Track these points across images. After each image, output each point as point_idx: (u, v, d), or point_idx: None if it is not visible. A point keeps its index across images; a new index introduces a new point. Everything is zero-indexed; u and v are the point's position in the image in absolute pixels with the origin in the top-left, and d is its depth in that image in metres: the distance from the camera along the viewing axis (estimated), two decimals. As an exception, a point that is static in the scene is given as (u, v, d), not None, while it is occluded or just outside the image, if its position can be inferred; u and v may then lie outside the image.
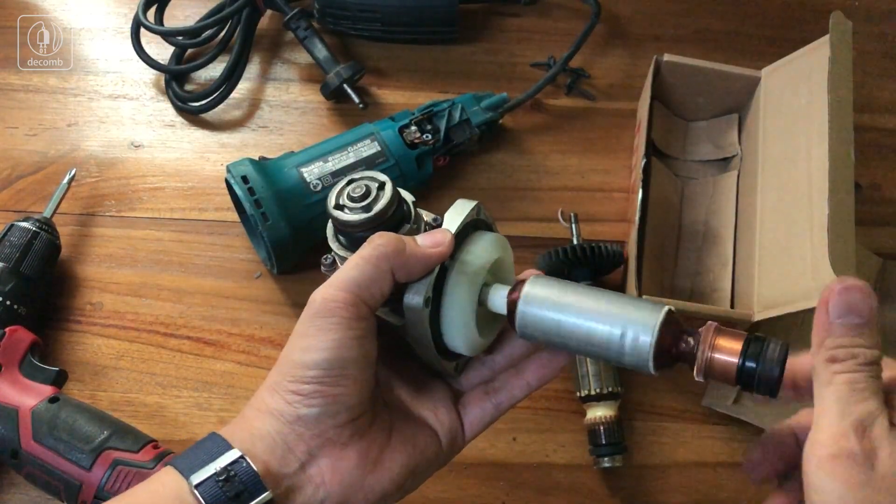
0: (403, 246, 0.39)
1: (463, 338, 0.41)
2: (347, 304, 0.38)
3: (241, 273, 0.67)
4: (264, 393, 0.39)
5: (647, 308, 0.38)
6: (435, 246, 0.40)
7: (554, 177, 0.72)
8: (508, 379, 0.45)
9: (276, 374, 0.39)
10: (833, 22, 0.57)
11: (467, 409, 0.44)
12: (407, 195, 0.44)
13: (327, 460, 0.38)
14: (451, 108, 0.68)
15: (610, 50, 0.78)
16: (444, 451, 0.43)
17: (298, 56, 0.77)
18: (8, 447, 0.53)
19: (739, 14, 0.81)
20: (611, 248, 0.62)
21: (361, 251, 0.39)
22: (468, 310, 0.41)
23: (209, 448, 0.38)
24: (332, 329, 0.37)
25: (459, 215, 0.42)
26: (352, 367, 0.38)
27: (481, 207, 0.43)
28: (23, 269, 0.60)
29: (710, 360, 0.36)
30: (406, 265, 0.39)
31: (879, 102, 0.76)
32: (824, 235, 0.50)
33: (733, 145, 0.70)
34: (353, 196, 0.42)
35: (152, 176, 0.71)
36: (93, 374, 0.62)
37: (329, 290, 0.38)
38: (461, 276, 0.41)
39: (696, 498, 0.60)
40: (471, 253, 0.41)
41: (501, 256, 0.43)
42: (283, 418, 0.38)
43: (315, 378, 0.37)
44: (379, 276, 0.38)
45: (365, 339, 0.38)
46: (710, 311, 0.58)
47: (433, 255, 0.39)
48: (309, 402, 0.37)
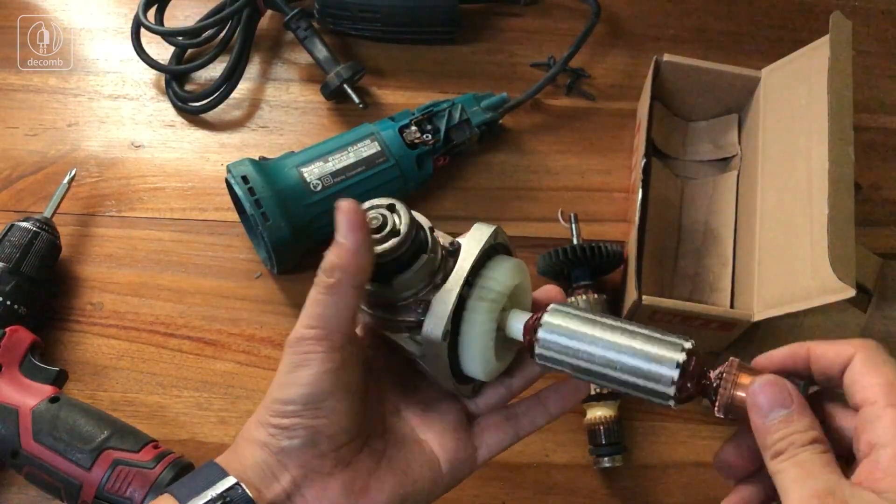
0: (344, 261, 0.37)
1: (481, 364, 0.41)
2: (319, 338, 0.38)
3: (241, 273, 0.67)
4: (251, 425, 0.40)
5: (669, 343, 0.37)
6: (354, 229, 0.37)
7: (554, 177, 0.72)
8: (530, 407, 0.45)
9: (261, 409, 0.40)
10: (833, 22, 0.57)
11: (484, 433, 0.45)
12: (423, 220, 0.41)
13: (312, 490, 0.39)
14: (451, 108, 0.68)
15: (610, 50, 0.78)
16: (444, 478, 0.43)
17: (298, 56, 0.77)
18: (8, 447, 0.53)
19: (739, 14, 0.81)
20: (611, 248, 0.62)
21: (315, 286, 0.38)
22: (487, 337, 0.40)
23: (206, 475, 0.39)
24: (308, 364, 0.38)
25: (478, 242, 0.41)
26: (329, 400, 0.38)
27: (500, 231, 0.43)
28: (23, 269, 0.60)
29: (732, 398, 0.36)
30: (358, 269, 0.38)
31: (879, 102, 0.76)
32: (824, 235, 0.50)
33: (733, 145, 0.70)
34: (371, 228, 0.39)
35: (152, 176, 0.71)
36: (93, 374, 0.62)
37: (300, 329, 0.39)
38: (480, 303, 0.40)
39: (696, 498, 0.60)
40: (490, 279, 0.40)
41: (521, 282, 0.42)
42: (267, 450, 0.39)
43: (294, 412, 0.38)
44: (343, 300, 0.38)
45: (342, 370, 0.39)
46: (710, 311, 0.58)
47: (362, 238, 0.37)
48: (290, 435, 0.39)
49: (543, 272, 0.65)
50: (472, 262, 0.40)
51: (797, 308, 0.53)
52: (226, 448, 0.41)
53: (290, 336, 0.39)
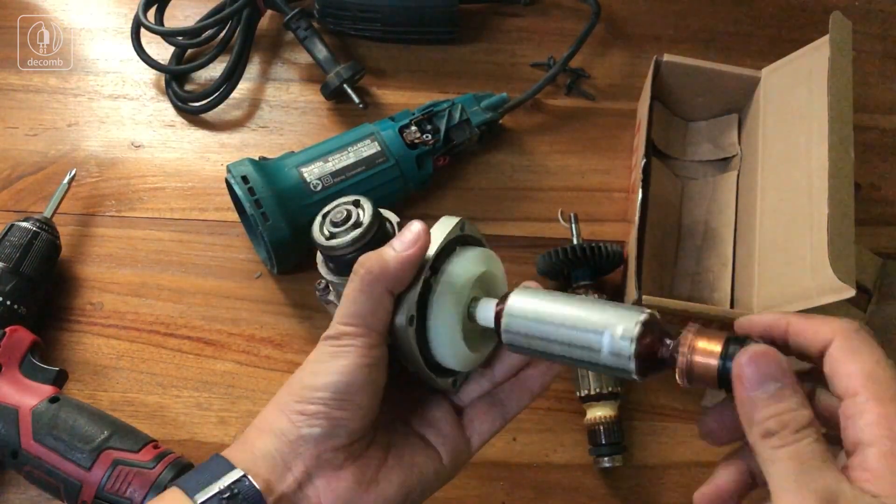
0: (387, 262, 0.39)
1: (451, 353, 0.41)
2: (357, 335, 0.39)
3: (241, 273, 0.67)
4: (270, 412, 0.40)
5: (627, 312, 0.37)
6: (413, 244, 0.40)
7: (554, 177, 0.72)
8: (512, 389, 0.45)
9: (284, 395, 0.40)
10: (833, 22, 0.57)
11: (473, 422, 0.45)
12: (390, 215, 0.45)
13: (323, 481, 0.39)
14: (451, 108, 0.68)
15: (610, 50, 0.78)
16: (446, 468, 0.43)
17: (298, 56, 0.77)
18: (8, 447, 0.53)
19: (739, 14, 0.81)
20: (611, 248, 0.62)
21: (352, 283, 0.40)
22: (454, 325, 0.41)
23: (213, 469, 0.39)
24: (344, 355, 0.39)
25: (441, 232, 0.42)
26: (358, 395, 0.39)
27: (465, 222, 0.44)
28: (23, 269, 0.60)
29: (691, 364, 0.35)
30: (396, 277, 0.39)
31: (879, 102, 0.76)
32: (824, 235, 0.50)
33: (733, 145, 0.70)
34: (335, 221, 0.43)
35: (152, 176, 0.71)
36: (93, 374, 0.62)
37: (337, 325, 0.40)
38: (444, 292, 0.41)
39: (696, 498, 0.60)
40: (455, 266, 0.41)
41: (488, 270, 0.43)
42: (284, 437, 0.39)
43: (321, 400, 0.38)
44: (377, 300, 0.39)
45: (374, 368, 0.39)
46: (710, 311, 0.58)
47: (415, 255, 0.40)
48: (311, 423, 0.38)
49: (543, 272, 0.65)
50: (435, 250, 0.41)
51: (797, 308, 0.53)
52: (226, 448, 0.41)
53: (326, 332, 0.40)
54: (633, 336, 0.36)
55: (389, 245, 0.40)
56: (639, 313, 0.37)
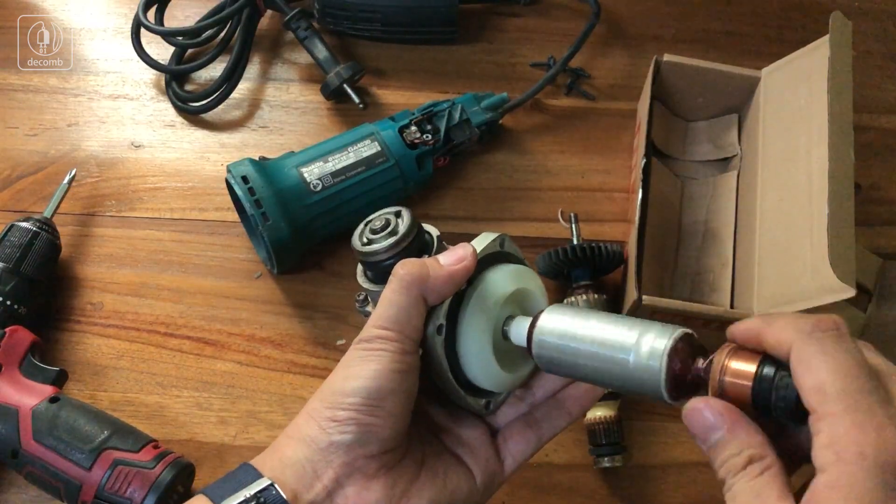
0: (427, 269, 0.39)
1: (482, 369, 0.41)
2: (391, 339, 0.39)
3: (241, 273, 0.67)
4: (300, 420, 0.40)
5: (659, 330, 0.35)
6: (458, 262, 0.40)
7: (554, 177, 0.72)
8: (549, 411, 0.44)
9: (315, 401, 0.39)
10: (833, 22, 0.57)
11: (507, 443, 0.44)
12: (431, 228, 0.45)
13: (353, 489, 0.38)
14: (451, 109, 0.68)
15: (610, 50, 0.78)
16: (479, 490, 0.42)
17: (298, 56, 0.77)
18: (8, 447, 0.53)
19: (739, 14, 0.81)
20: (611, 248, 0.62)
21: (389, 285, 0.39)
22: (484, 339, 0.40)
23: (240, 477, 0.38)
24: (377, 360, 0.38)
25: (478, 246, 0.41)
26: (389, 400, 0.38)
27: (506, 239, 0.43)
28: (23, 269, 0.60)
29: (723, 385, 0.33)
30: (435, 287, 0.39)
31: (879, 102, 0.76)
32: (824, 235, 0.50)
33: (733, 145, 0.70)
34: (374, 229, 0.43)
35: (152, 176, 0.71)
36: (93, 374, 0.62)
37: (372, 328, 0.39)
38: (475, 306, 0.40)
39: (696, 498, 0.60)
40: (488, 282, 0.41)
41: (524, 288, 0.42)
42: (314, 445, 0.38)
43: (352, 405, 0.38)
44: (413, 305, 0.39)
45: (407, 375, 0.39)
46: (710, 311, 0.58)
47: (458, 272, 0.39)
48: (342, 429, 0.38)
49: (543, 272, 0.65)
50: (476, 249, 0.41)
51: (797, 308, 0.53)
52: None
53: (360, 335, 0.40)
54: (663, 354, 0.34)
55: (435, 258, 0.40)
56: (671, 331, 0.35)
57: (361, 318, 0.43)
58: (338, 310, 0.65)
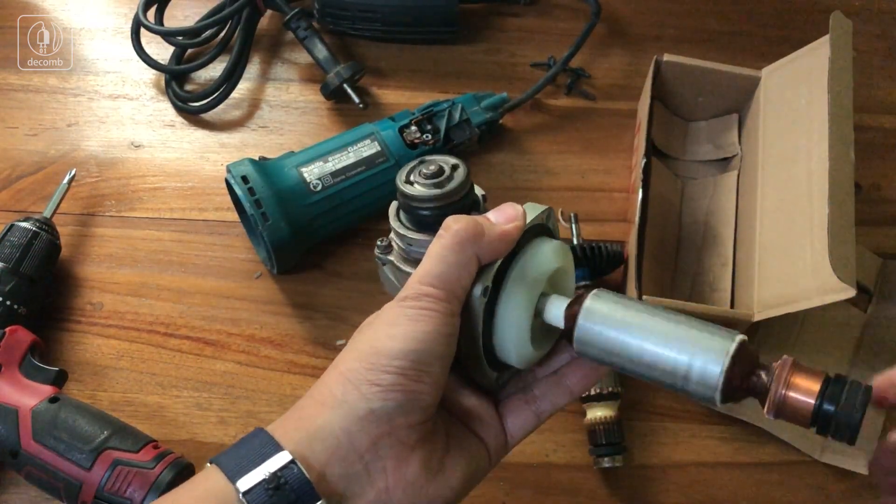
0: (482, 227, 0.36)
1: (515, 346, 0.39)
2: (440, 298, 0.35)
3: (241, 273, 0.67)
4: (332, 382, 0.35)
5: (719, 336, 0.35)
6: (510, 221, 0.37)
7: (554, 177, 0.72)
8: (549, 387, 0.42)
9: (352, 361, 0.35)
10: (833, 22, 0.57)
11: (506, 418, 0.42)
12: (479, 190, 0.43)
13: (393, 462, 0.35)
14: (451, 108, 0.68)
15: (610, 50, 0.78)
16: (491, 461, 0.40)
17: (298, 56, 0.77)
18: (8, 447, 0.53)
19: (739, 14, 0.81)
20: (611, 248, 0.62)
21: (440, 240, 0.36)
22: (524, 316, 0.38)
23: (256, 447, 0.34)
24: (425, 320, 0.35)
25: (529, 214, 0.40)
26: (437, 365, 0.35)
27: (551, 213, 0.41)
28: (23, 269, 0.60)
29: (784, 399, 0.34)
30: (489, 245, 0.37)
31: (879, 102, 0.76)
32: (824, 235, 0.50)
33: (733, 145, 0.70)
34: (425, 173, 0.41)
35: (152, 176, 0.71)
36: (93, 374, 0.62)
37: (418, 285, 0.36)
38: (519, 277, 0.38)
39: (696, 498, 0.60)
40: (533, 255, 0.39)
41: (562, 266, 0.40)
42: (352, 412, 0.34)
43: (398, 369, 0.34)
44: (465, 263, 0.36)
45: (452, 338, 0.36)
46: (710, 311, 0.58)
47: (511, 232, 0.37)
48: (386, 396, 0.34)
49: (543, 272, 0.64)
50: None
51: (797, 308, 0.53)
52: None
53: (402, 292, 0.36)
54: (724, 368, 0.34)
55: (485, 216, 0.37)
56: (730, 340, 0.35)
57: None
58: (338, 310, 0.65)
